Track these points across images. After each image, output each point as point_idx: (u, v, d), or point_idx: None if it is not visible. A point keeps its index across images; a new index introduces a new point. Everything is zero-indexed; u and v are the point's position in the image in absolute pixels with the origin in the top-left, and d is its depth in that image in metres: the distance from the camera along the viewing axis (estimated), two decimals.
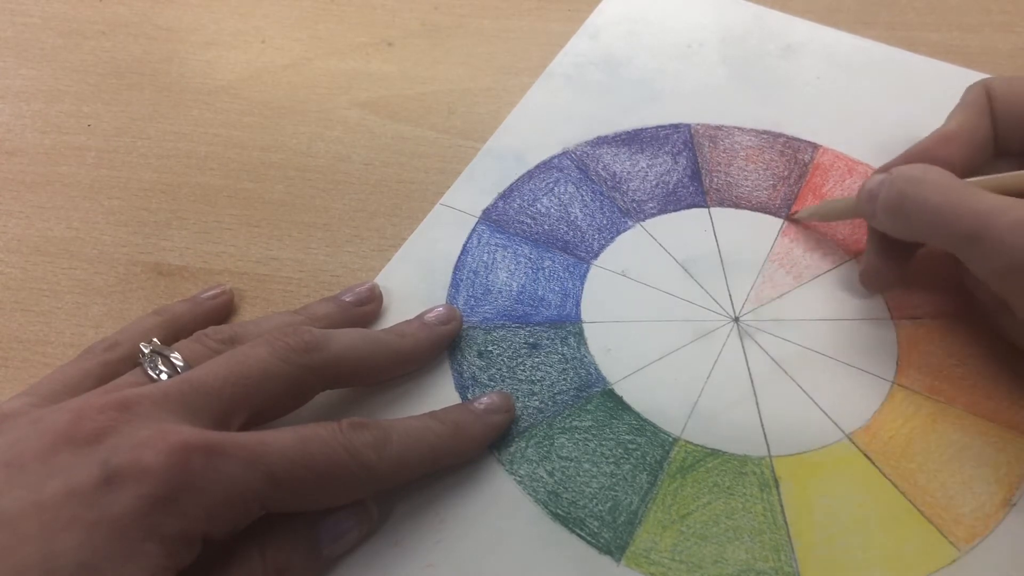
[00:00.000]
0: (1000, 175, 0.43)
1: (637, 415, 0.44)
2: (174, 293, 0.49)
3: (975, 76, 0.58)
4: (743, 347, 0.47)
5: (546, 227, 0.52)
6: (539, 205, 0.53)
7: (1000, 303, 0.43)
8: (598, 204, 0.53)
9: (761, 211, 0.53)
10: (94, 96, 0.59)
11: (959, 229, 0.40)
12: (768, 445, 0.43)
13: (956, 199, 0.40)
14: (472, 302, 0.48)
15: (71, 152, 0.56)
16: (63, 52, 0.62)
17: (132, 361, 0.40)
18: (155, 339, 0.41)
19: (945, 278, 0.48)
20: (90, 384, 0.39)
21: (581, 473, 0.42)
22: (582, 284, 0.49)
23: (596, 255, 0.50)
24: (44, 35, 0.64)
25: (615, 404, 0.44)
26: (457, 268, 0.50)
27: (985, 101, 0.46)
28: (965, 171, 0.45)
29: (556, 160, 0.55)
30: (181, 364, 0.39)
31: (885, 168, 0.46)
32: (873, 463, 0.42)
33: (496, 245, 0.51)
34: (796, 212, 0.52)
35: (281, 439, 0.35)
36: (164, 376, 0.38)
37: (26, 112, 0.58)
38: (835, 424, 0.44)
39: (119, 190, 0.54)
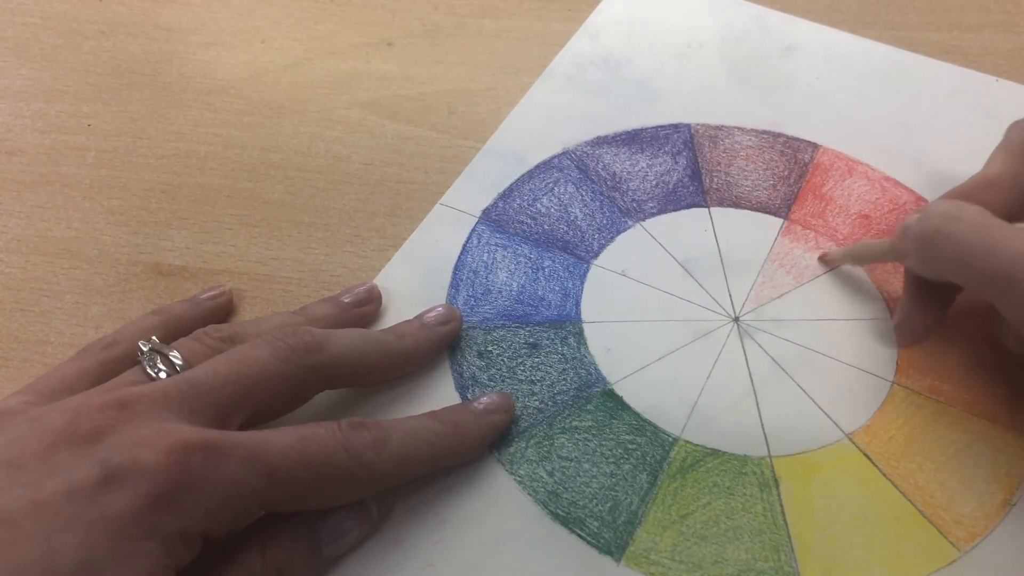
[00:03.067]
0: None
1: (637, 415, 0.44)
2: (174, 293, 0.49)
3: (975, 76, 0.59)
4: (743, 347, 0.47)
5: (546, 227, 0.52)
6: (539, 205, 0.53)
7: None
8: (598, 204, 0.53)
9: (761, 211, 0.53)
10: (94, 96, 0.59)
11: (994, 270, 0.38)
12: (768, 445, 0.43)
13: (992, 238, 0.38)
14: (472, 302, 0.48)
15: (71, 152, 0.56)
16: (63, 52, 0.62)
17: (130, 360, 0.40)
18: (154, 338, 0.41)
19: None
20: (88, 383, 0.39)
21: (581, 473, 0.42)
22: (582, 284, 0.49)
23: (596, 255, 0.50)
24: (44, 35, 0.63)
25: (615, 404, 0.44)
26: (457, 268, 0.50)
27: None
28: (1006, 218, 0.43)
29: (556, 160, 0.55)
30: (180, 363, 0.39)
31: (922, 208, 0.44)
32: (873, 463, 0.42)
33: (496, 245, 0.51)
34: (826, 255, 0.51)
35: (281, 439, 0.35)
36: (163, 375, 0.38)
37: (26, 112, 0.58)
38: (835, 424, 0.44)
39: (119, 190, 0.54)
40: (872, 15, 0.65)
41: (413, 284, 0.49)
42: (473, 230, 0.51)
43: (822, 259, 0.51)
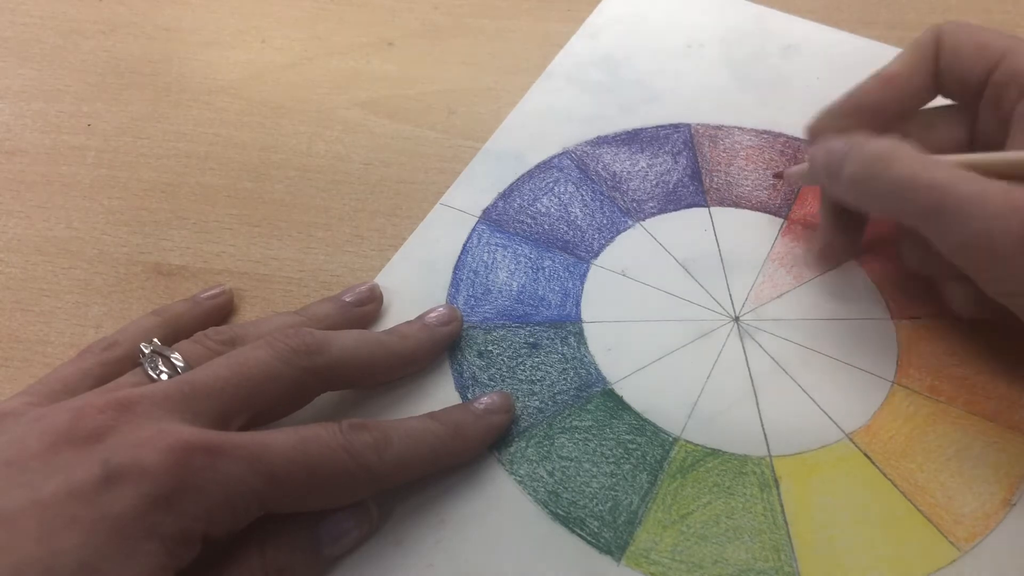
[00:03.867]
0: (973, 156, 0.42)
1: (637, 415, 0.44)
2: (174, 293, 0.49)
3: None
4: (743, 347, 0.47)
5: (546, 227, 0.51)
6: (539, 205, 0.53)
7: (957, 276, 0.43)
8: (598, 204, 0.53)
9: (761, 211, 0.53)
10: (94, 96, 0.59)
11: (923, 203, 0.39)
12: (768, 445, 0.43)
13: (924, 172, 0.39)
14: (472, 302, 0.48)
15: (71, 152, 0.56)
16: (63, 52, 0.62)
17: (131, 361, 0.40)
18: (155, 339, 0.41)
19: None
20: (89, 384, 0.39)
21: (581, 473, 0.42)
22: (582, 284, 0.49)
23: (596, 255, 0.50)
24: (44, 35, 0.63)
25: (615, 404, 0.44)
26: (457, 268, 0.50)
27: (932, 46, 0.46)
28: (901, 113, 0.47)
29: (556, 160, 0.55)
30: (181, 364, 0.39)
31: (826, 115, 0.49)
32: (873, 463, 0.42)
33: (496, 245, 0.51)
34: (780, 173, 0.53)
35: (281, 440, 0.35)
36: (164, 376, 0.38)
37: (26, 112, 0.58)
38: (835, 424, 0.44)
39: (119, 190, 0.54)
40: (872, 15, 0.65)
41: (413, 284, 0.49)
42: (473, 230, 0.51)
43: (776, 176, 0.53)
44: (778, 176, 0.52)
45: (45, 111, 0.58)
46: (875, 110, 0.46)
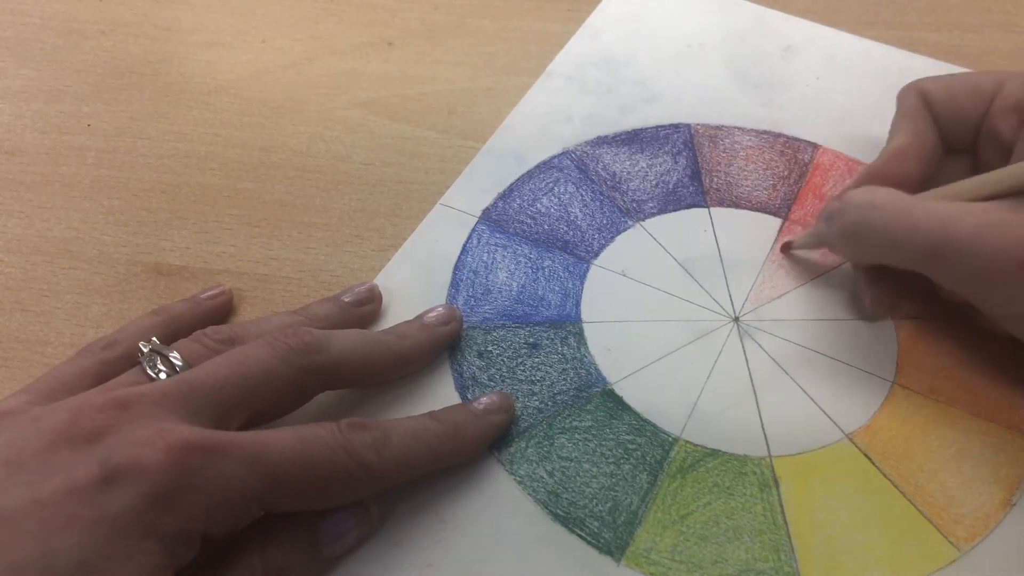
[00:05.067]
0: (951, 186, 0.42)
1: (637, 415, 0.44)
2: (174, 293, 0.49)
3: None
4: (743, 347, 0.47)
5: (546, 227, 0.51)
6: (539, 205, 0.52)
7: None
8: (598, 204, 0.53)
9: (761, 211, 0.53)
10: (94, 96, 0.59)
11: (918, 247, 0.39)
12: (768, 445, 0.43)
13: (909, 218, 0.39)
14: (472, 302, 0.48)
15: (71, 152, 0.56)
16: (63, 52, 0.62)
17: (130, 360, 0.40)
18: (154, 338, 0.41)
19: None
20: (88, 383, 0.39)
21: (581, 473, 0.42)
22: (582, 284, 0.49)
23: (596, 255, 0.50)
24: (44, 35, 0.63)
25: (615, 404, 0.44)
26: (457, 268, 0.49)
27: (923, 106, 0.46)
28: (922, 180, 0.45)
29: (556, 160, 0.55)
30: (180, 363, 0.39)
31: (841, 194, 0.45)
32: (873, 463, 0.42)
33: (496, 245, 0.51)
34: (787, 245, 0.51)
35: (281, 439, 0.35)
36: (163, 375, 0.38)
37: (26, 112, 0.58)
38: (835, 424, 0.44)
39: (119, 190, 0.54)
40: (872, 15, 0.65)
41: (413, 284, 0.49)
42: (473, 230, 0.51)
43: (784, 250, 0.51)
44: (786, 247, 0.51)
45: (45, 111, 0.58)
46: (897, 184, 0.44)
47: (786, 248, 0.51)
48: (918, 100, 0.47)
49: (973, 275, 0.39)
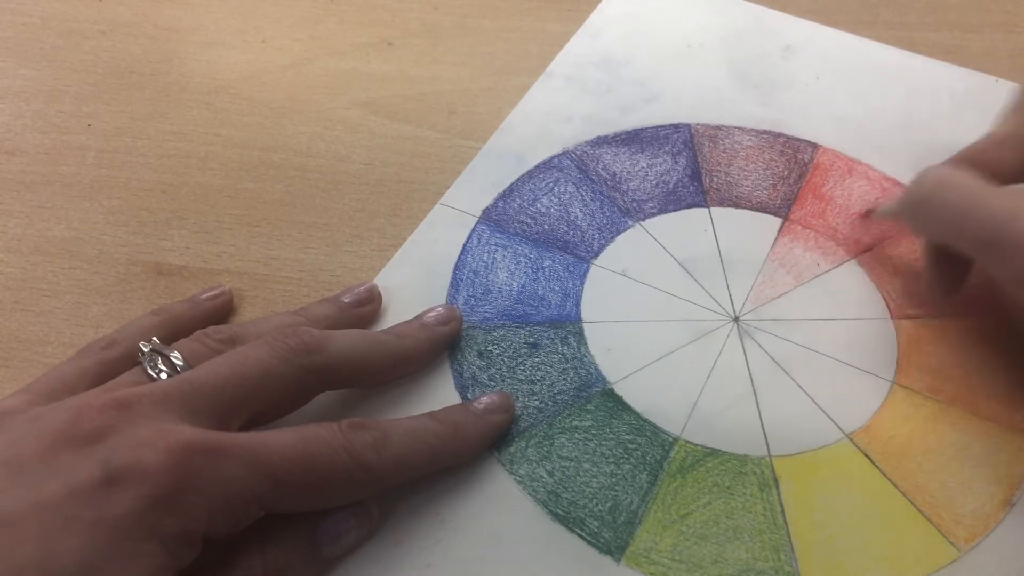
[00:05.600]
0: None
1: (637, 415, 0.44)
2: (174, 293, 0.49)
3: (975, 76, 0.59)
4: (743, 347, 0.46)
5: (546, 227, 0.51)
6: (539, 205, 0.52)
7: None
8: (598, 204, 0.52)
9: (761, 211, 0.52)
10: (94, 96, 0.59)
11: (980, 234, 0.39)
12: (768, 445, 0.43)
13: (978, 202, 0.39)
14: (472, 302, 0.48)
15: (71, 152, 0.56)
16: (63, 52, 0.62)
17: (130, 360, 0.40)
18: (155, 338, 0.41)
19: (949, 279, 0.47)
20: (87, 383, 0.39)
21: (581, 473, 0.42)
22: (582, 284, 0.49)
23: (596, 255, 0.50)
24: (44, 35, 0.63)
25: (615, 404, 0.44)
26: (457, 268, 0.49)
27: None
28: (1017, 175, 0.44)
29: (556, 160, 0.55)
30: (181, 363, 0.38)
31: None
32: (873, 463, 0.42)
33: (496, 245, 0.50)
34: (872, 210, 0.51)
35: (282, 440, 0.34)
36: (164, 375, 0.38)
37: (26, 112, 0.58)
38: (835, 424, 0.44)
39: (119, 190, 0.54)
40: (872, 15, 0.64)
41: (413, 284, 0.49)
42: (473, 230, 0.51)
43: (864, 216, 0.51)
44: (867, 214, 0.51)
45: (45, 111, 0.58)
46: (990, 170, 0.42)
47: (867, 215, 0.51)
48: None
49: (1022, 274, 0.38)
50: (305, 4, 0.66)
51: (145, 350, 0.39)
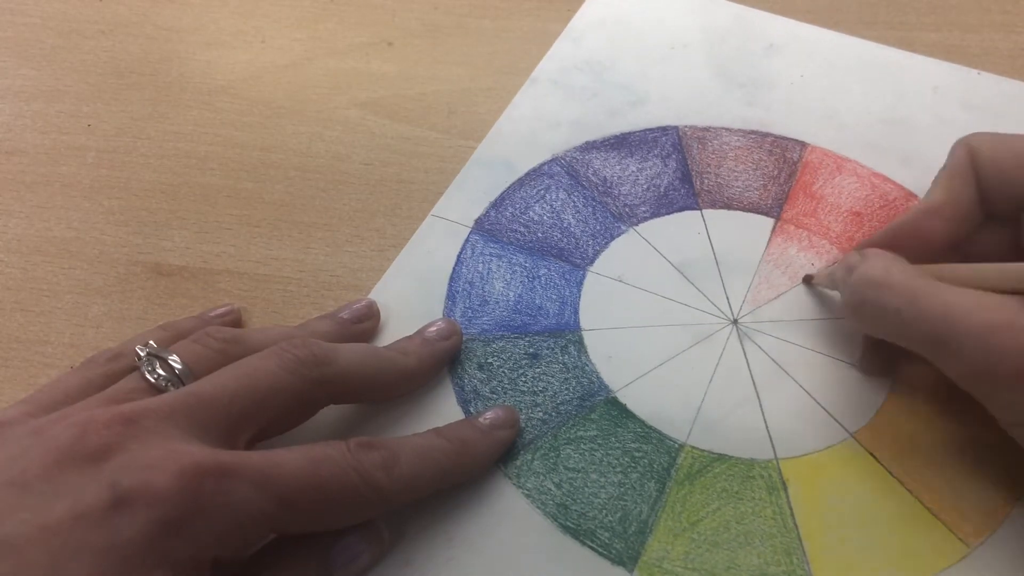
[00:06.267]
0: (972, 266, 0.37)
1: (642, 422, 0.40)
2: (174, 293, 0.45)
3: (957, 69, 0.55)
4: (743, 349, 0.42)
5: (540, 235, 0.47)
6: (531, 213, 0.48)
7: None
8: (591, 210, 0.48)
9: (753, 211, 0.48)
10: (94, 96, 0.55)
11: (923, 335, 0.35)
12: (774, 447, 0.39)
13: (917, 303, 0.35)
14: (469, 314, 0.44)
15: (71, 152, 0.51)
16: (63, 52, 0.57)
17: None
18: (151, 342, 0.37)
19: None
20: (92, 395, 0.34)
21: (589, 484, 0.38)
22: (579, 291, 0.45)
23: (591, 261, 0.46)
24: (44, 35, 0.58)
25: (619, 412, 0.40)
26: (452, 280, 0.45)
27: (969, 166, 0.41)
28: (952, 243, 0.40)
29: (546, 167, 0.50)
30: (180, 367, 0.35)
31: (864, 246, 0.41)
32: (879, 461, 0.39)
33: (490, 255, 0.46)
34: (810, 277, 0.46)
35: (292, 460, 0.31)
36: (163, 379, 0.34)
37: (26, 112, 0.54)
38: (839, 424, 0.40)
39: (119, 190, 0.50)
40: (872, 15, 0.60)
41: (409, 297, 0.44)
42: (467, 240, 0.47)
43: (805, 281, 0.46)
44: (808, 279, 0.46)
45: (45, 111, 0.54)
46: (921, 243, 0.40)
47: (807, 280, 0.46)
48: (965, 157, 0.41)
49: (974, 374, 0.34)
50: (305, 4, 0.61)
51: (142, 354, 0.35)
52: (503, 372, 0.42)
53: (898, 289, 0.36)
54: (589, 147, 0.51)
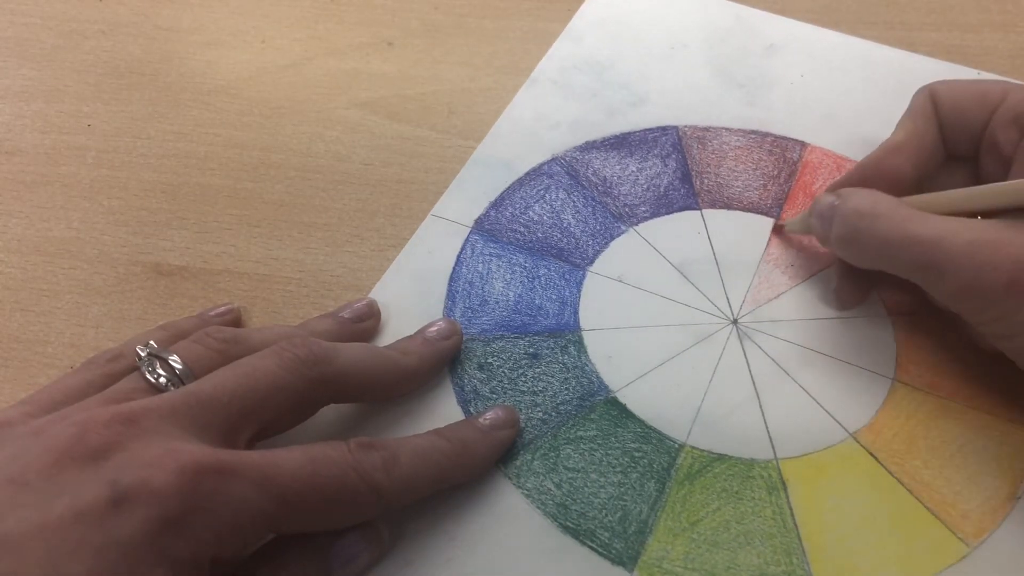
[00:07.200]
0: (944, 193, 0.40)
1: (642, 422, 0.40)
2: (174, 293, 0.45)
3: (955, 69, 0.55)
4: (743, 349, 0.42)
5: (539, 235, 0.47)
6: (531, 213, 0.48)
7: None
8: (590, 210, 0.48)
9: (753, 211, 0.48)
10: (94, 96, 0.54)
11: (913, 259, 0.37)
12: (774, 447, 0.39)
13: (908, 230, 0.37)
14: (469, 314, 0.43)
15: (71, 152, 0.51)
16: (63, 52, 0.57)
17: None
18: (152, 342, 0.36)
19: None
20: (92, 395, 0.34)
21: (589, 484, 0.38)
22: (579, 291, 0.44)
23: (591, 261, 0.46)
24: (44, 35, 0.58)
25: (619, 412, 0.40)
26: (452, 280, 0.45)
27: (931, 107, 0.43)
28: (916, 179, 0.43)
29: (546, 167, 0.50)
30: (180, 367, 0.34)
31: (835, 186, 0.43)
32: (879, 461, 0.39)
33: (490, 255, 0.46)
34: (783, 222, 0.48)
35: (291, 460, 0.31)
36: (163, 380, 0.34)
37: (26, 112, 0.53)
38: (839, 424, 0.40)
39: (119, 190, 0.49)
40: (872, 15, 0.60)
41: (409, 297, 0.44)
42: (466, 240, 0.47)
43: (776, 231, 0.48)
44: (779, 229, 0.47)
45: (45, 111, 0.53)
46: (887, 180, 0.42)
47: (778, 230, 0.47)
48: (926, 100, 0.43)
49: (963, 290, 0.36)
50: (305, 4, 0.61)
51: (143, 354, 0.35)
52: (503, 372, 0.41)
53: (887, 217, 0.38)
54: (589, 147, 0.51)
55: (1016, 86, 0.41)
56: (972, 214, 0.38)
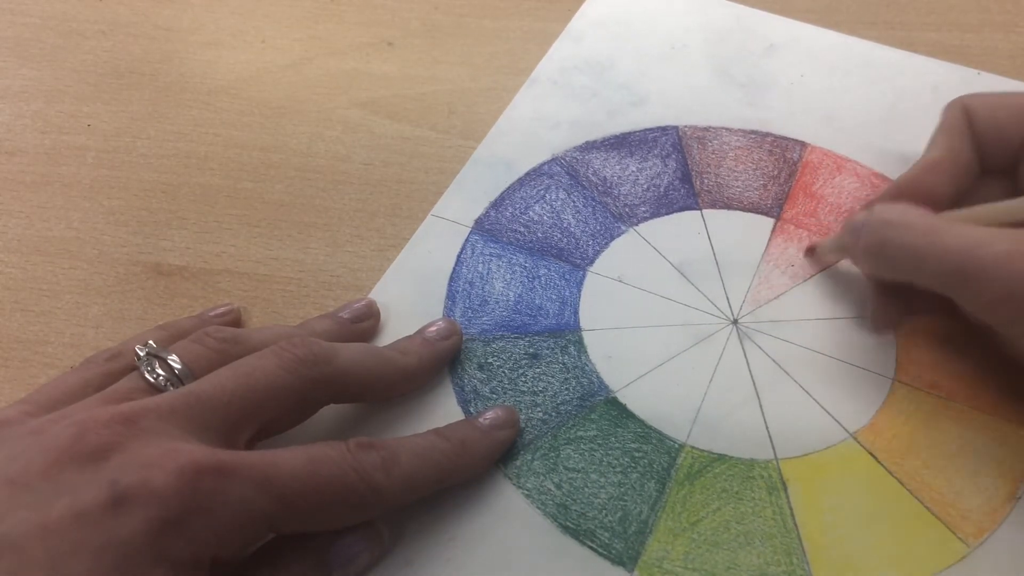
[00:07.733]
0: (981, 207, 0.39)
1: (642, 423, 0.40)
2: (174, 293, 0.45)
3: (957, 69, 0.55)
4: (743, 349, 0.42)
5: (540, 235, 0.47)
6: (531, 213, 0.48)
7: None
8: (590, 210, 0.48)
9: (753, 211, 0.48)
10: (94, 96, 0.54)
11: (944, 268, 0.36)
12: (774, 448, 0.39)
13: (937, 239, 0.36)
14: (469, 314, 0.43)
15: (71, 152, 0.51)
16: (63, 52, 0.57)
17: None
18: (151, 342, 0.36)
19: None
20: (90, 395, 0.34)
21: (589, 484, 0.38)
22: (579, 291, 0.44)
23: (591, 261, 0.46)
24: (44, 35, 0.58)
25: (619, 412, 0.40)
26: (452, 279, 0.45)
27: (964, 122, 0.42)
28: (954, 196, 0.42)
29: (546, 167, 0.50)
30: (179, 367, 0.34)
31: (869, 204, 0.42)
32: (879, 462, 0.39)
33: (490, 255, 0.46)
34: (812, 250, 0.47)
35: (291, 460, 0.31)
36: (162, 379, 0.34)
37: (26, 112, 0.53)
38: (839, 424, 0.40)
39: (119, 190, 0.49)
40: (872, 15, 0.60)
41: (409, 297, 0.44)
42: (466, 240, 0.46)
43: (808, 253, 0.46)
44: (810, 251, 0.47)
45: (45, 111, 0.53)
46: (925, 200, 0.40)
47: (810, 252, 0.46)
48: (960, 115, 0.42)
49: (997, 301, 0.35)
50: (305, 4, 0.61)
51: (142, 354, 0.35)
52: (503, 372, 0.41)
53: (918, 226, 0.37)
54: (589, 147, 0.51)
55: None
56: (1010, 227, 0.37)
